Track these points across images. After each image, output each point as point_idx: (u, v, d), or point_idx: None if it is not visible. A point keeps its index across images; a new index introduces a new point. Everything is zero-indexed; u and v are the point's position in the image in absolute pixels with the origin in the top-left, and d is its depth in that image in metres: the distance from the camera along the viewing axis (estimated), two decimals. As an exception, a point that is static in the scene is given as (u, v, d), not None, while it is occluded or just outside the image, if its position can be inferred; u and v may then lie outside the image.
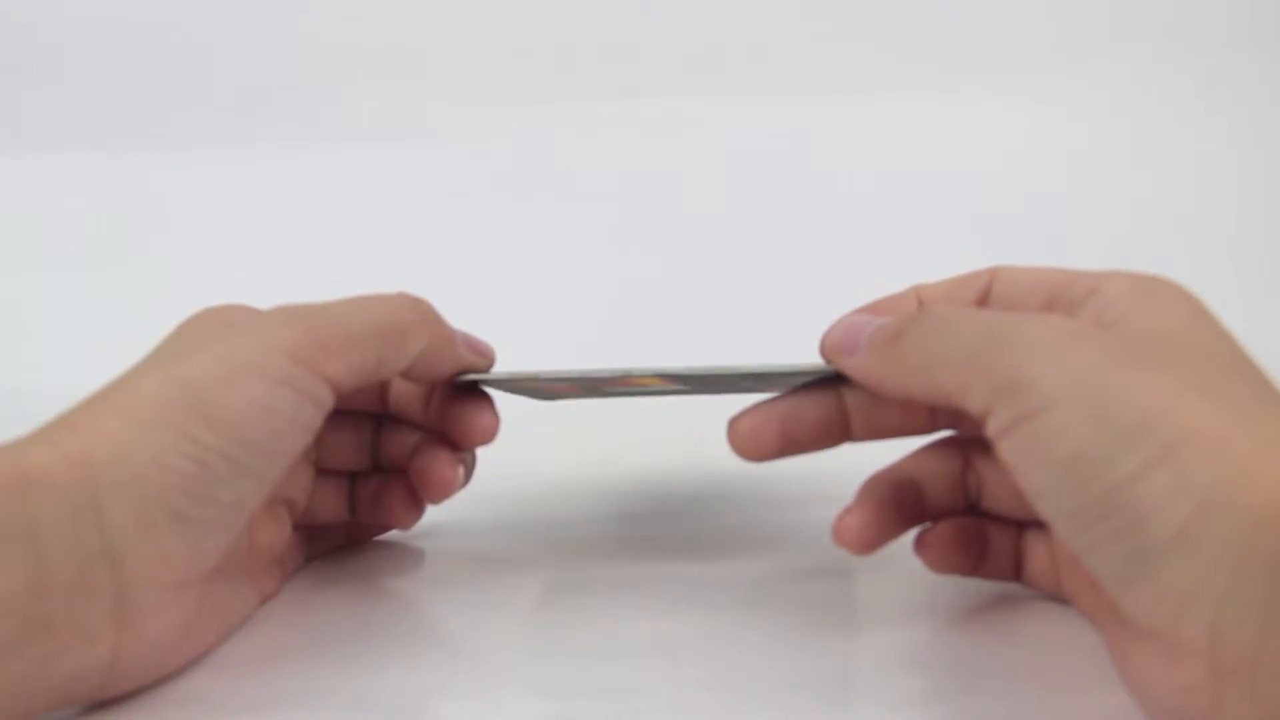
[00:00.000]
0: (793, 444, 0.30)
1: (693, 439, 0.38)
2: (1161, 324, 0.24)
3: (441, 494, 0.34)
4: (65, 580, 0.23)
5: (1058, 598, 0.30)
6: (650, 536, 0.38)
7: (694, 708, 0.25)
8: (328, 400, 0.28)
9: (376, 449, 0.35)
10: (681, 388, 0.33)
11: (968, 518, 0.31)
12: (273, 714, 0.26)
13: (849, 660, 0.28)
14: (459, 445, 0.34)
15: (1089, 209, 0.74)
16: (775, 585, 0.32)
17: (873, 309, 0.30)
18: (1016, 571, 0.31)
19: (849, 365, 0.28)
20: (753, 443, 0.30)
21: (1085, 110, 0.76)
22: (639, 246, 0.74)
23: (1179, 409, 0.21)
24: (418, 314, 0.30)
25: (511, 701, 0.26)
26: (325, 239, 0.76)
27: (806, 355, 0.30)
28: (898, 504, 0.29)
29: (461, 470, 0.34)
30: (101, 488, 0.24)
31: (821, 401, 0.30)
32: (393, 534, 0.38)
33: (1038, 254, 0.31)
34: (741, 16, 0.77)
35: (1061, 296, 0.27)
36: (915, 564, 0.30)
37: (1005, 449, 0.23)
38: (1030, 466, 0.23)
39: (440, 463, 0.33)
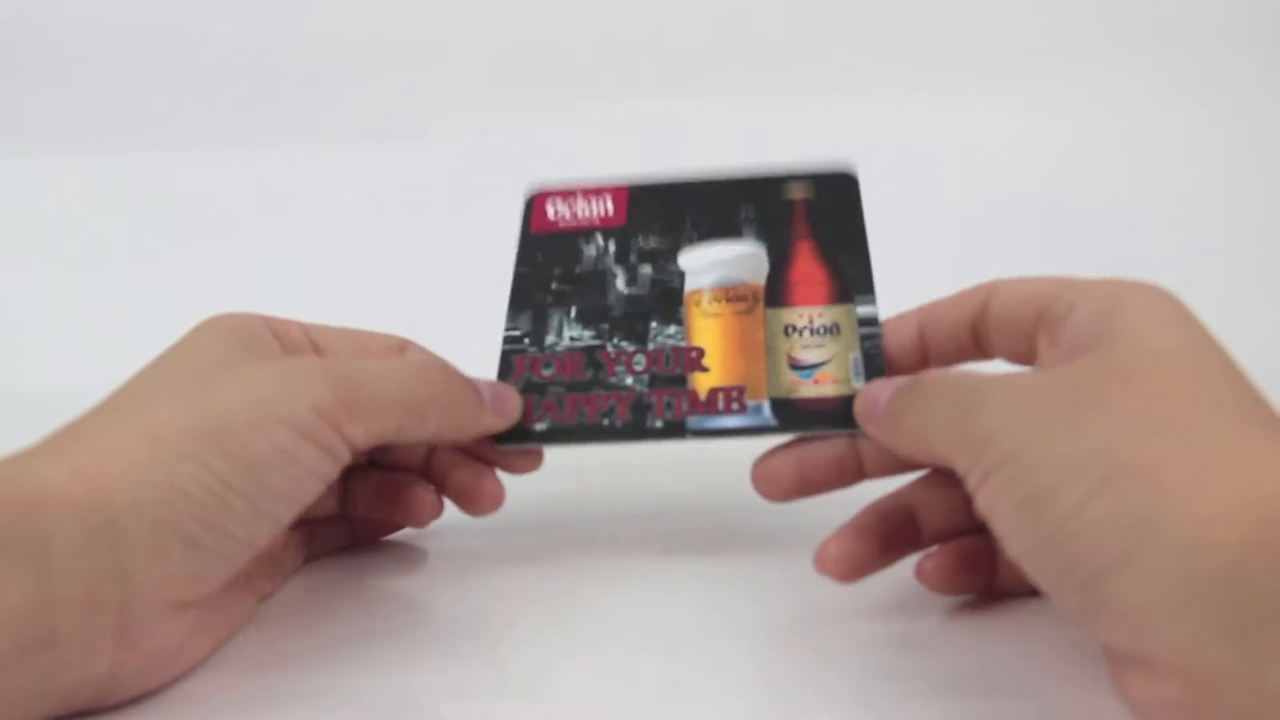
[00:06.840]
0: (810, 484, 0.32)
1: (690, 441, 0.38)
2: (1127, 345, 0.25)
3: (492, 507, 0.34)
4: (72, 596, 0.23)
5: None
6: (648, 536, 0.38)
7: (691, 706, 0.26)
8: (345, 457, 0.29)
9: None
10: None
11: (972, 539, 0.30)
12: (272, 714, 0.26)
13: (845, 659, 0.28)
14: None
15: (1087, 208, 0.74)
16: (773, 584, 0.32)
17: None
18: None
19: (872, 432, 0.31)
20: (771, 484, 0.32)
21: (1082, 110, 0.76)
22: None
23: (1117, 444, 0.22)
24: (446, 391, 0.31)
25: (509, 700, 0.26)
26: (326, 239, 0.77)
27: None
28: (883, 534, 0.30)
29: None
30: (119, 507, 0.24)
31: (835, 443, 0.32)
32: (391, 534, 0.38)
33: (1037, 253, 0.32)
34: (741, 18, 0.77)
35: (1049, 311, 0.29)
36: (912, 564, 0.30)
37: (978, 502, 0.25)
38: (994, 514, 0.24)
39: (487, 478, 0.34)
